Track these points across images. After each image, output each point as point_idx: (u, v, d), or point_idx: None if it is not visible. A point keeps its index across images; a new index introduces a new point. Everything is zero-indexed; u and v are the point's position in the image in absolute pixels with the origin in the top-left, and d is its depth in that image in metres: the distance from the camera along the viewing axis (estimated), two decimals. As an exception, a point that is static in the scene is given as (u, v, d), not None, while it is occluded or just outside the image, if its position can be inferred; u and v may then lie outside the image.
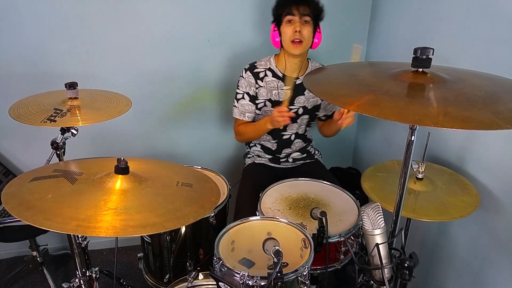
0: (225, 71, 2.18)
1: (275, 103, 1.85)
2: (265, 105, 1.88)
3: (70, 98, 1.41)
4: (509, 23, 1.33)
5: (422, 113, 0.85)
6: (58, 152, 1.39)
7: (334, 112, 1.91)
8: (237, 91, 1.88)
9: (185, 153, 2.35)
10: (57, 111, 1.33)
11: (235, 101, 1.90)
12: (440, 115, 0.84)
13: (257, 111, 1.91)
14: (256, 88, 1.85)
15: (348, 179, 2.34)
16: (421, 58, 1.00)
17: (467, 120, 0.83)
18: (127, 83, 2.07)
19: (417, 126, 1.04)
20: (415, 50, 1.01)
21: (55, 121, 1.28)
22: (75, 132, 1.40)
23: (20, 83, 1.96)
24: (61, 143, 1.37)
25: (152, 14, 2.00)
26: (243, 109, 1.88)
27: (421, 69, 1.02)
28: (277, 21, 1.74)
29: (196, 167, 1.69)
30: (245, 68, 1.86)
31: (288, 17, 1.68)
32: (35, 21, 1.88)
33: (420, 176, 1.47)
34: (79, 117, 1.33)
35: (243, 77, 1.86)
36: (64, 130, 1.38)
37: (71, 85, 1.40)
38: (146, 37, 2.03)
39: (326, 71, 1.24)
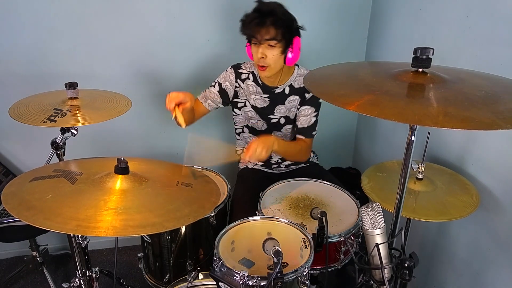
0: (225, 71, 2.18)
1: (254, 107, 1.82)
2: (245, 105, 1.84)
3: (70, 98, 1.41)
4: (509, 23, 1.33)
5: (422, 113, 0.85)
6: (58, 152, 1.39)
7: (303, 127, 1.77)
8: (215, 80, 1.83)
9: (185, 153, 2.35)
10: (57, 111, 1.33)
11: (208, 87, 1.84)
12: (440, 115, 0.84)
13: (237, 111, 1.87)
14: (236, 87, 1.81)
15: (348, 179, 2.34)
16: (421, 58, 1.00)
17: (467, 120, 0.83)
18: (127, 83, 2.07)
19: (417, 126, 1.04)
20: (415, 50, 1.01)
21: (55, 121, 1.28)
22: (75, 132, 1.40)
23: (20, 83, 1.96)
24: (61, 143, 1.37)
25: (152, 14, 2.00)
26: (209, 95, 1.82)
27: (421, 69, 1.02)
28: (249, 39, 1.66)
29: (196, 167, 1.69)
30: (232, 65, 1.83)
31: (253, 40, 1.61)
32: (35, 21, 1.88)
33: (420, 176, 1.47)
34: (79, 117, 1.33)
35: (226, 70, 1.82)
36: (64, 130, 1.38)
37: (71, 85, 1.40)
38: (146, 37, 2.03)
39: (326, 71, 1.24)
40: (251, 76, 1.81)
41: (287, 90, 1.79)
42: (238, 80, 1.81)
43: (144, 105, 2.13)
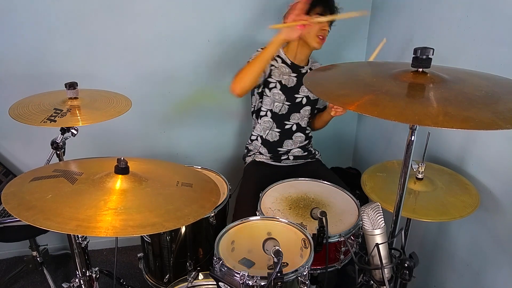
0: (225, 71, 2.18)
1: (284, 87, 1.90)
2: (275, 86, 1.89)
3: (70, 98, 1.41)
4: (509, 23, 1.33)
5: (422, 113, 0.85)
6: (58, 152, 1.39)
7: (325, 106, 2.02)
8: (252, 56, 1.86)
9: (185, 153, 2.35)
10: (57, 111, 1.33)
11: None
12: (440, 115, 0.84)
13: (267, 92, 1.91)
14: (271, 66, 1.88)
15: (348, 179, 2.34)
16: (421, 58, 1.00)
17: (467, 120, 0.83)
18: (127, 83, 2.07)
19: (417, 126, 1.04)
20: (415, 50, 1.01)
21: (55, 121, 1.28)
22: (75, 132, 1.40)
23: (20, 83, 1.96)
24: (61, 143, 1.37)
25: (152, 14, 2.00)
26: None
27: (421, 69, 1.02)
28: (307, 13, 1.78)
29: (196, 167, 1.69)
30: (261, 48, 1.86)
31: (324, 12, 1.75)
32: (35, 21, 1.88)
33: (420, 176, 1.47)
34: (79, 117, 1.33)
35: (258, 51, 1.86)
36: (64, 130, 1.38)
37: (71, 85, 1.40)
38: (146, 37, 2.03)
39: (326, 71, 1.24)
40: (278, 59, 1.90)
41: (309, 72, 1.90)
42: (272, 60, 1.89)
43: (144, 105, 2.13)
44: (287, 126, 1.97)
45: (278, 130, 1.97)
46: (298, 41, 1.84)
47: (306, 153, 2.04)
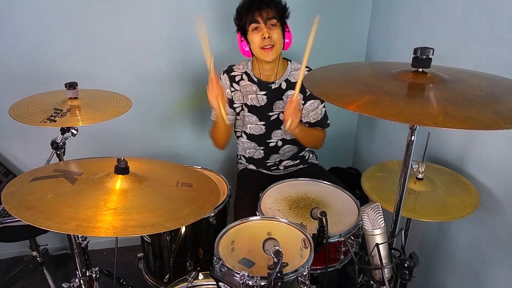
0: (225, 71, 2.18)
1: (252, 108, 1.81)
2: (242, 109, 1.84)
3: (70, 98, 1.41)
4: (509, 23, 1.33)
5: (422, 113, 0.85)
6: (58, 152, 1.39)
7: (317, 120, 1.83)
8: None
9: (185, 153, 2.35)
10: (57, 111, 1.33)
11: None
12: (440, 115, 0.84)
13: (237, 116, 1.88)
14: (232, 92, 1.80)
15: (348, 179, 2.35)
16: (421, 58, 1.00)
17: (467, 120, 0.83)
18: (127, 83, 2.07)
19: (417, 126, 1.04)
20: (415, 50, 1.01)
21: (55, 121, 1.28)
22: (75, 132, 1.40)
23: (20, 83, 1.96)
24: (61, 143, 1.37)
25: (152, 14, 2.00)
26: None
27: (421, 69, 1.02)
28: (242, 30, 1.66)
29: (196, 167, 1.69)
30: (223, 70, 1.81)
31: (254, 25, 1.60)
32: (35, 21, 1.88)
33: (420, 176, 1.47)
34: (79, 117, 1.33)
35: (221, 79, 1.79)
36: (64, 130, 1.38)
37: (71, 85, 1.40)
38: (146, 37, 2.03)
39: (326, 71, 1.24)
40: (245, 76, 1.79)
41: (283, 85, 1.79)
42: (234, 84, 1.80)
43: (144, 105, 2.13)
44: (271, 144, 1.88)
45: (262, 148, 1.89)
46: (255, 58, 1.72)
47: (298, 161, 1.98)
